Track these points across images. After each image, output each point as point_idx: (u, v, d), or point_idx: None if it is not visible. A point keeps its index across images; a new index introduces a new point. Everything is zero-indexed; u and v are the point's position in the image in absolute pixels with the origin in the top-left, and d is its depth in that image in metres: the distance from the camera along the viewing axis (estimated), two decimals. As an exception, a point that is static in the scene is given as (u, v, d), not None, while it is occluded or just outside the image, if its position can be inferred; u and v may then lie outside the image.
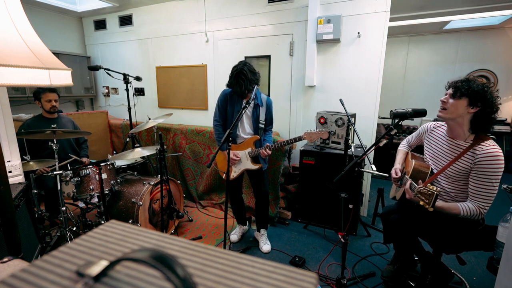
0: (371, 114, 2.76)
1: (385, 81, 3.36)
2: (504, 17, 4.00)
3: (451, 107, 1.47)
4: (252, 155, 2.22)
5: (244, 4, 3.18)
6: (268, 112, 2.27)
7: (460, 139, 1.51)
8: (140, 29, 3.94)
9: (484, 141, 1.41)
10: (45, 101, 2.52)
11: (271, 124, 2.33)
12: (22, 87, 3.36)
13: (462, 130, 1.49)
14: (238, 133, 2.25)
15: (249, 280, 0.34)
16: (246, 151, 2.23)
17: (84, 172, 2.16)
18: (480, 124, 1.44)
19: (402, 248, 1.91)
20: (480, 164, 1.39)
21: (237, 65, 2.12)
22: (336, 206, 2.58)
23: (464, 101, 1.42)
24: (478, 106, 1.40)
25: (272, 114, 2.32)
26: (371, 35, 2.64)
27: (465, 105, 1.42)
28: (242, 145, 2.25)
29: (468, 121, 1.46)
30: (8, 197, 1.08)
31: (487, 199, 1.40)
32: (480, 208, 1.40)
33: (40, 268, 0.35)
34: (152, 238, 0.44)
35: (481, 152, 1.39)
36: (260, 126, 2.23)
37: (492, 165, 1.36)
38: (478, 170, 1.40)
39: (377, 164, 1.85)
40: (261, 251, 2.37)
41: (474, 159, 1.42)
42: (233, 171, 2.28)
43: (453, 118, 1.49)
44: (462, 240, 1.54)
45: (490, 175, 1.37)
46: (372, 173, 1.83)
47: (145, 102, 4.21)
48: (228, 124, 2.27)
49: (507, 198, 3.11)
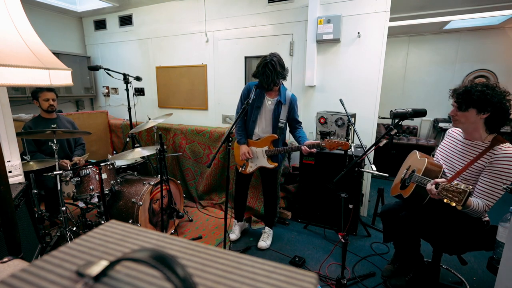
0: (371, 114, 2.76)
1: (385, 81, 3.36)
2: (504, 17, 4.00)
3: (461, 118, 1.49)
4: (269, 154, 2.19)
5: (244, 4, 3.18)
6: (291, 111, 2.18)
7: (478, 140, 1.53)
8: (140, 29, 3.94)
9: (502, 143, 1.42)
10: (43, 100, 2.53)
11: (299, 122, 2.27)
12: (22, 87, 3.36)
13: (478, 133, 1.51)
14: (255, 130, 2.23)
15: (249, 280, 0.34)
16: (263, 149, 2.21)
17: (84, 172, 2.16)
18: (495, 123, 1.45)
19: (404, 247, 1.90)
20: (496, 164, 1.40)
21: (266, 55, 2.01)
22: (336, 206, 2.58)
23: (472, 111, 1.44)
24: (488, 111, 1.41)
25: (297, 112, 2.24)
26: (371, 35, 2.64)
27: (475, 114, 1.45)
28: (259, 142, 2.23)
29: (483, 124, 1.48)
30: (8, 197, 1.08)
31: (493, 198, 1.41)
32: (486, 206, 1.41)
33: (40, 268, 0.35)
34: (152, 238, 0.44)
35: (500, 152, 1.40)
36: (279, 126, 2.15)
37: (508, 166, 1.37)
38: (492, 169, 1.41)
39: (377, 164, 1.84)
40: (257, 246, 2.40)
41: (490, 158, 1.42)
42: (250, 166, 2.30)
43: (468, 126, 1.52)
44: (467, 240, 1.54)
45: (503, 175, 1.38)
46: (372, 173, 1.82)
47: (145, 102, 4.21)
48: (247, 119, 2.22)
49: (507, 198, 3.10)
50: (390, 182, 1.80)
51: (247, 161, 2.29)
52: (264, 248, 2.38)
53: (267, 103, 2.17)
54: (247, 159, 2.23)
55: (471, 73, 4.95)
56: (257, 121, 2.20)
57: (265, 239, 2.42)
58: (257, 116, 2.19)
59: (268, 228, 2.51)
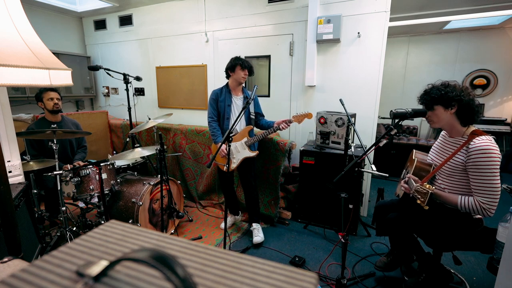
0: (371, 114, 2.76)
1: (385, 81, 3.36)
2: (504, 17, 4.00)
3: (433, 118, 1.57)
4: (249, 143, 2.38)
5: (244, 4, 3.18)
6: (256, 105, 2.53)
7: (458, 135, 1.57)
8: (140, 29, 3.94)
9: (478, 136, 1.44)
10: (47, 99, 2.48)
11: (262, 115, 2.59)
12: (22, 87, 3.36)
13: (456, 128, 1.56)
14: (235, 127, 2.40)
15: (249, 280, 0.34)
16: (242, 141, 2.39)
17: (84, 172, 2.16)
18: (466, 116, 1.50)
19: (399, 245, 1.92)
20: (473, 158, 1.41)
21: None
22: (336, 206, 2.58)
23: (439, 108, 1.52)
24: (453, 105, 1.49)
25: (260, 106, 2.58)
26: (371, 35, 2.64)
27: (442, 111, 1.52)
28: (237, 136, 2.40)
29: (456, 119, 1.53)
30: (8, 197, 1.08)
31: (487, 195, 1.40)
32: (481, 203, 1.41)
33: (40, 268, 0.35)
34: (152, 238, 0.44)
35: (473, 146, 1.42)
36: (251, 117, 2.46)
37: (484, 159, 1.38)
38: (472, 165, 1.43)
39: (377, 164, 1.84)
40: (253, 243, 2.43)
41: (467, 153, 1.45)
42: (233, 162, 2.41)
43: (443, 124, 1.58)
44: (457, 239, 1.55)
45: (484, 169, 1.39)
46: (372, 173, 1.82)
47: (145, 102, 4.21)
48: (220, 119, 2.48)
49: (507, 198, 3.11)
50: (390, 182, 1.80)
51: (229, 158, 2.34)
52: (260, 242, 2.42)
53: (235, 101, 2.46)
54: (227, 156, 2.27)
55: (471, 73, 4.95)
56: (230, 118, 2.45)
57: (257, 234, 2.47)
58: (229, 113, 2.46)
59: (255, 224, 2.54)
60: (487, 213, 1.41)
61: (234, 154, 2.41)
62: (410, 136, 4.83)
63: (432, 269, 1.74)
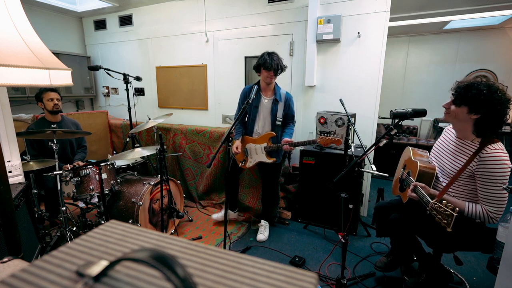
0: (371, 114, 2.76)
1: (385, 81, 3.36)
2: (504, 17, 4.00)
3: (453, 113, 1.46)
4: (268, 150, 2.31)
5: (244, 4, 3.18)
6: (288, 108, 2.32)
7: (468, 139, 1.51)
8: (140, 29, 3.94)
9: (491, 144, 1.38)
10: (47, 100, 2.48)
11: (292, 119, 2.40)
12: (22, 87, 3.36)
13: (466, 133, 1.49)
14: (255, 128, 2.36)
15: (249, 280, 0.34)
16: (262, 145, 2.33)
17: (84, 172, 2.16)
18: (484, 128, 1.41)
19: (400, 246, 1.91)
20: (484, 166, 1.37)
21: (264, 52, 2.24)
22: (336, 206, 2.57)
23: (464, 108, 1.40)
24: (480, 112, 1.37)
25: (293, 109, 2.37)
26: (371, 35, 2.64)
27: (465, 112, 1.41)
28: (259, 139, 2.35)
29: (472, 125, 1.44)
30: (8, 197, 1.08)
31: (494, 203, 1.37)
32: (489, 212, 1.38)
33: (40, 268, 0.35)
34: (152, 238, 0.44)
35: (486, 154, 1.36)
36: (277, 123, 2.28)
37: (496, 169, 1.34)
38: (482, 173, 1.38)
39: (377, 164, 1.84)
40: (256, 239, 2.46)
41: (477, 161, 1.40)
42: (249, 161, 2.41)
43: (456, 122, 1.49)
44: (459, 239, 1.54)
45: (494, 179, 1.35)
46: (372, 173, 1.82)
47: (145, 102, 4.21)
48: (248, 120, 2.36)
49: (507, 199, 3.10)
50: (390, 182, 1.80)
51: (247, 156, 2.40)
52: (263, 240, 2.44)
53: (264, 102, 2.31)
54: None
55: (471, 73, 4.95)
56: (256, 120, 2.34)
57: (262, 232, 2.49)
58: (255, 115, 2.33)
59: (264, 221, 2.57)
60: (493, 221, 1.40)
61: (251, 154, 2.40)
62: (410, 136, 4.83)
63: (432, 269, 1.74)
